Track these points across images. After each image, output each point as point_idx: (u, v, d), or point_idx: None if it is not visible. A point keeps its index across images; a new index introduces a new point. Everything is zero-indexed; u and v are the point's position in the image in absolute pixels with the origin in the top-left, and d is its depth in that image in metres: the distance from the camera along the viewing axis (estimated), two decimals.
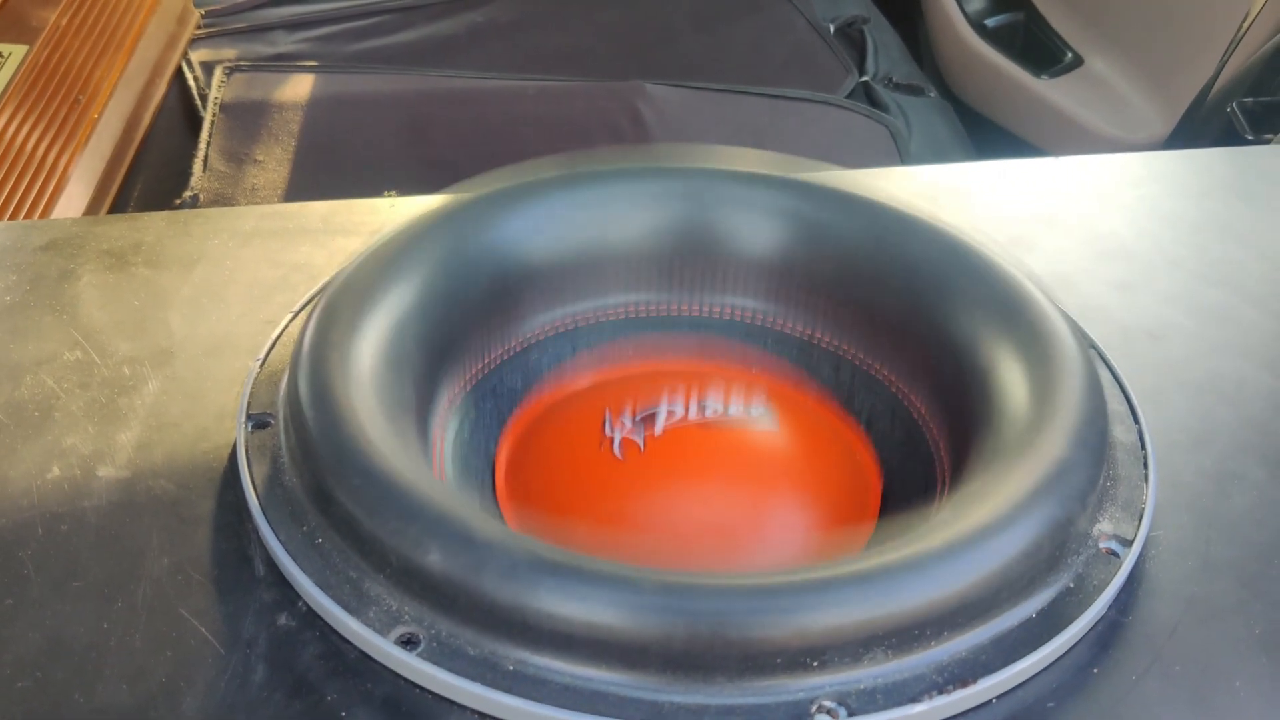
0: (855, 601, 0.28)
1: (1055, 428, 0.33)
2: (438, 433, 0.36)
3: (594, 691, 0.28)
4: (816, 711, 0.28)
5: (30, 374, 0.41)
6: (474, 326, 0.39)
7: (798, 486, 0.37)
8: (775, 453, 0.39)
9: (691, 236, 0.42)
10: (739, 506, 0.36)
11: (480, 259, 0.39)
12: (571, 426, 0.39)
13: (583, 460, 0.37)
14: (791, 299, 0.41)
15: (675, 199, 0.42)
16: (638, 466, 0.37)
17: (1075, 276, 0.47)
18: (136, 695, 0.29)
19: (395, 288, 0.37)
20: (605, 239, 0.41)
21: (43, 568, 0.33)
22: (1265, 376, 0.42)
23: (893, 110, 1.02)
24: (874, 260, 0.40)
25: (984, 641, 0.30)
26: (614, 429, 0.37)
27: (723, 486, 0.37)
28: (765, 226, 0.41)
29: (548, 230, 0.40)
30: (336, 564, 0.32)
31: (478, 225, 0.40)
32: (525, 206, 0.41)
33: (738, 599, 0.28)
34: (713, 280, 0.42)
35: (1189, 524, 0.35)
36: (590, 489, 0.36)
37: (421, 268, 0.38)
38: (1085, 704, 0.30)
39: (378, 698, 0.30)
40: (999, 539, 0.30)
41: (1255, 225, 0.51)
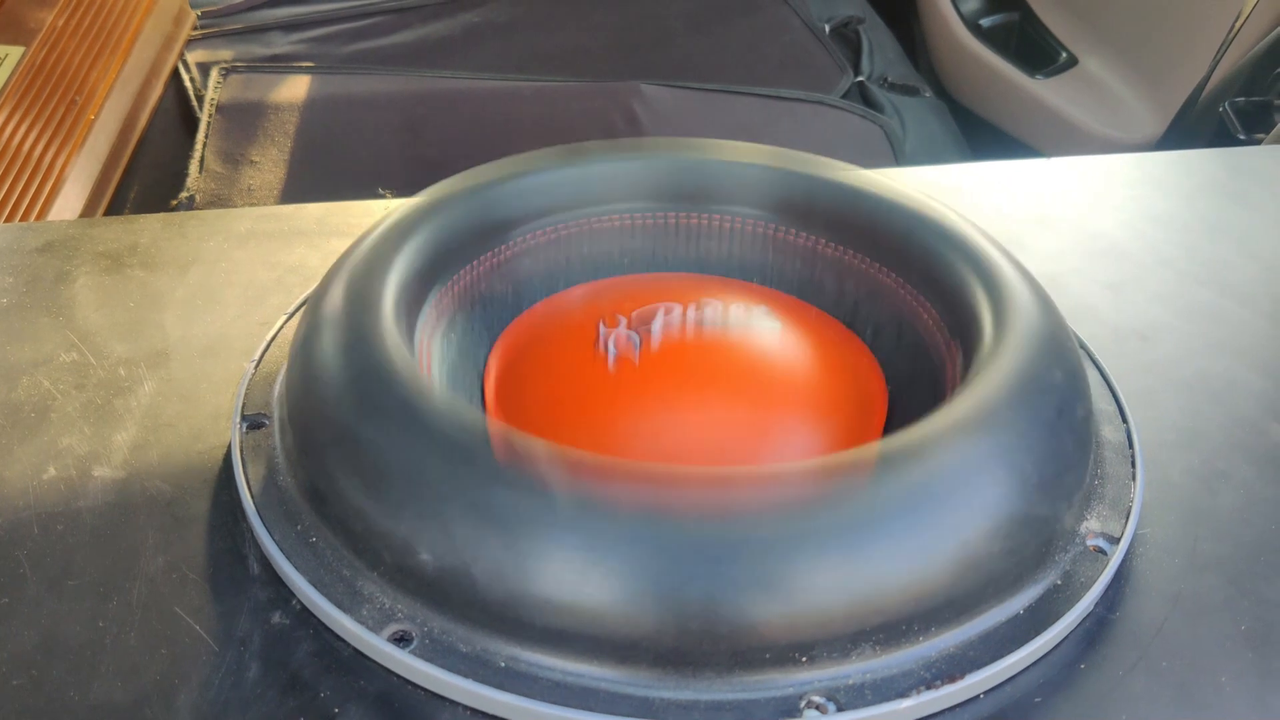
0: (843, 595, 0.29)
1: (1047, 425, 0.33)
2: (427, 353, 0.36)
3: (585, 688, 0.29)
4: (806, 706, 0.28)
5: (27, 375, 0.41)
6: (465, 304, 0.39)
7: (800, 404, 0.36)
8: (776, 368, 0.38)
9: (688, 179, 0.41)
10: (737, 429, 0.35)
11: (469, 245, 0.39)
12: (564, 337, 0.38)
13: (575, 375, 0.36)
14: (793, 211, 0.41)
15: (670, 154, 0.42)
16: (632, 381, 0.36)
17: (1066, 276, 0.47)
18: (131, 693, 0.30)
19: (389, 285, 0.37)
20: (601, 171, 0.41)
21: (39, 567, 0.33)
22: (1254, 377, 0.42)
23: (888, 110, 1.02)
24: (871, 203, 0.40)
25: (972, 637, 0.30)
26: (608, 341, 0.37)
27: (720, 406, 0.36)
28: (761, 174, 0.41)
29: (536, 216, 0.40)
30: (330, 563, 0.32)
31: (469, 204, 0.40)
32: (512, 192, 0.40)
33: (727, 593, 0.28)
34: (712, 191, 0.41)
35: (1177, 522, 0.36)
36: (583, 406, 0.35)
37: (408, 265, 0.38)
38: (1072, 700, 0.30)
39: (371, 695, 0.30)
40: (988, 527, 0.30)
41: (1246, 225, 0.51)
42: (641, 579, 0.29)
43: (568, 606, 0.29)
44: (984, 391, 0.32)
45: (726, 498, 0.29)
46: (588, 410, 0.36)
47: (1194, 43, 0.84)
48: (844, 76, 1.05)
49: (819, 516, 0.29)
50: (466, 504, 0.30)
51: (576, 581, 0.29)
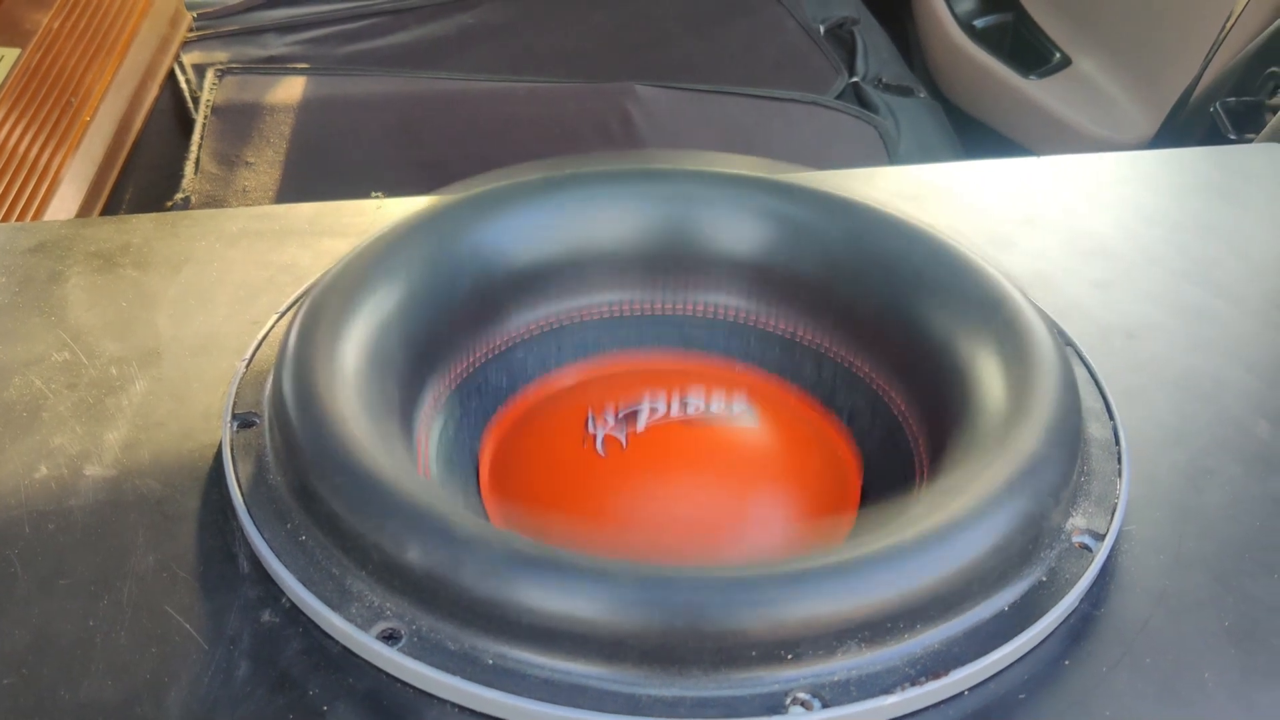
0: (828, 594, 0.29)
1: (1029, 423, 0.33)
2: (422, 431, 0.37)
3: (572, 685, 0.29)
4: (791, 703, 0.29)
5: (19, 375, 0.41)
6: (458, 325, 0.39)
7: (778, 481, 0.38)
8: (756, 448, 0.39)
9: (675, 236, 0.42)
10: (720, 501, 0.37)
11: (464, 259, 0.40)
12: (555, 424, 0.39)
13: (566, 457, 0.37)
14: (774, 297, 0.42)
15: (658, 200, 0.42)
16: (620, 463, 0.37)
17: (1055, 275, 0.47)
18: (121, 691, 0.30)
19: (379, 288, 0.38)
20: (589, 239, 0.42)
21: (30, 565, 0.33)
22: (1242, 374, 0.42)
23: (882, 111, 1.02)
24: (854, 259, 0.40)
25: (956, 634, 0.30)
26: (597, 427, 0.38)
27: (704, 481, 0.38)
28: (747, 227, 0.42)
29: (531, 231, 0.41)
30: (319, 561, 0.32)
31: (462, 227, 0.41)
32: (509, 208, 0.41)
33: (712, 592, 0.29)
34: (696, 280, 0.42)
35: (1162, 519, 0.36)
36: (573, 485, 0.37)
37: (405, 269, 0.39)
38: (1056, 696, 0.30)
39: (359, 692, 0.30)
40: (971, 532, 0.30)
41: (1235, 224, 0.52)
42: (626, 580, 0.29)
43: (556, 605, 0.29)
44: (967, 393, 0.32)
45: None
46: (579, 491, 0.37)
47: (1186, 43, 0.85)
48: (839, 77, 1.06)
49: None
50: (452, 504, 0.30)
51: (564, 580, 0.29)
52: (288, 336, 0.37)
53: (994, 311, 0.37)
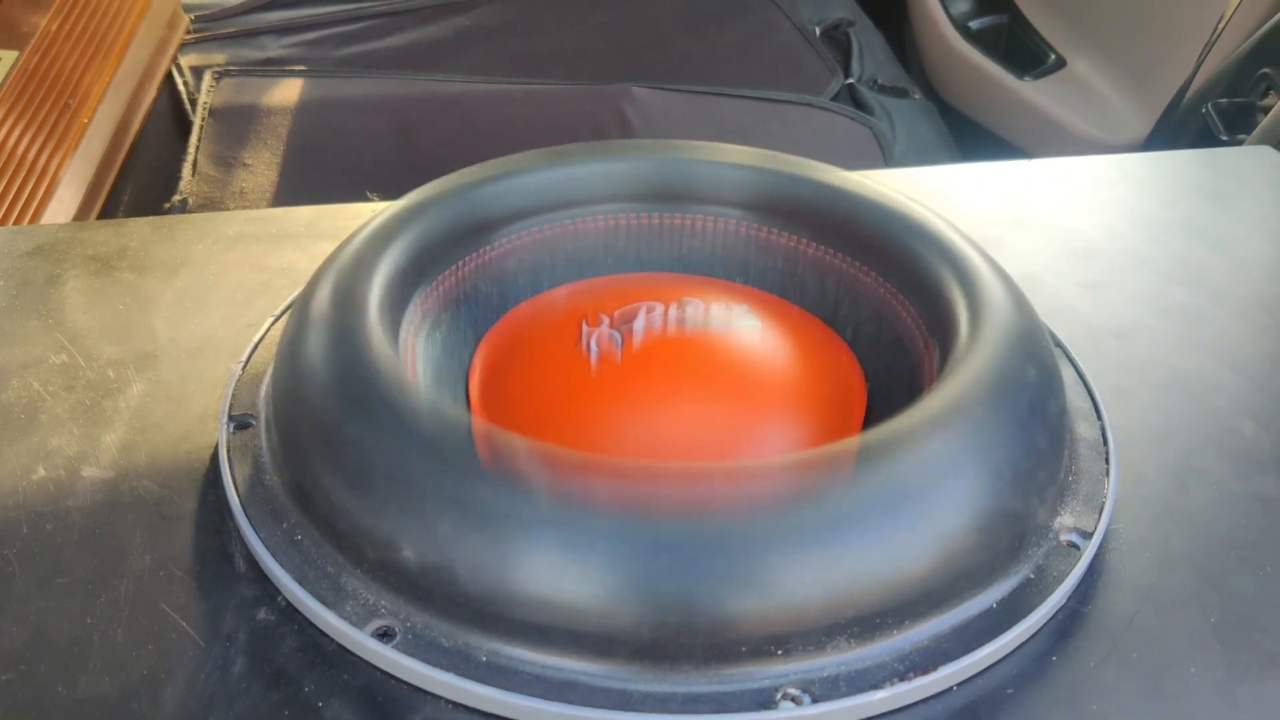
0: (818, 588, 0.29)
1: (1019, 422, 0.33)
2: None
3: (565, 681, 0.29)
4: (782, 698, 0.29)
5: (16, 377, 0.41)
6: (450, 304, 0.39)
7: (779, 401, 0.37)
8: (756, 366, 0.38)
9: (672, 177, 0.41)
10: (717, 425, 0.36)
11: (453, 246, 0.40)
12: (547, 337, 0.38)
13: (558, 374, 0.37)
14: (776, 210, 0.41)
15: (654, 155, 0.42)
16: (614, 380, 0.36)
17: (1044, 276, 0.48)
18: (118, 687, 0.30)
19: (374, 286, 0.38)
20: (584, 172, 0.41)
21: (28, 565, 0.34)
22: (1229, 375, 0.43)
23: (877, 112, 1.02)
24: (852, 203, 0.40)
25: (945, 630, 0.31)
26: (590, 340, 0.37)
27: (700, 403, 0.37)
28: (743, 171, 0.42)
29: (519, 216, 0.41)
30: (315, 560, 0.32)
31: (453, 206, 0.40)
32: (495, 193, 0.41)
33: (704, 587, 0.29)
34: (695, 191, 0.42)
35: (1149, 518, 0.36)
36: (565, 405, 0.36)
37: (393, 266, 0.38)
38: (1044, 691, 0.31)
39: (354, 689, 0.30)
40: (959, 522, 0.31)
41: (1224, 226, 0.52)
42: (619, 575, 0.29)
43: (548, 602, 0.29)
44: (958, 388, 0.33)
45: (703, 494, 0.30)
46: (570, 408, 0.36)
47: (1179, 44, 0.85)
48: (834, 79, 1.06)
49: (794, 512, 0.29)
50: (448, 501, 0.30)
51: (556, 577, 0.29)
52: (283, 339, 0.37)
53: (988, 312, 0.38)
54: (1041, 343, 0.36)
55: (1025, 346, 0.35)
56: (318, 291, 0.37)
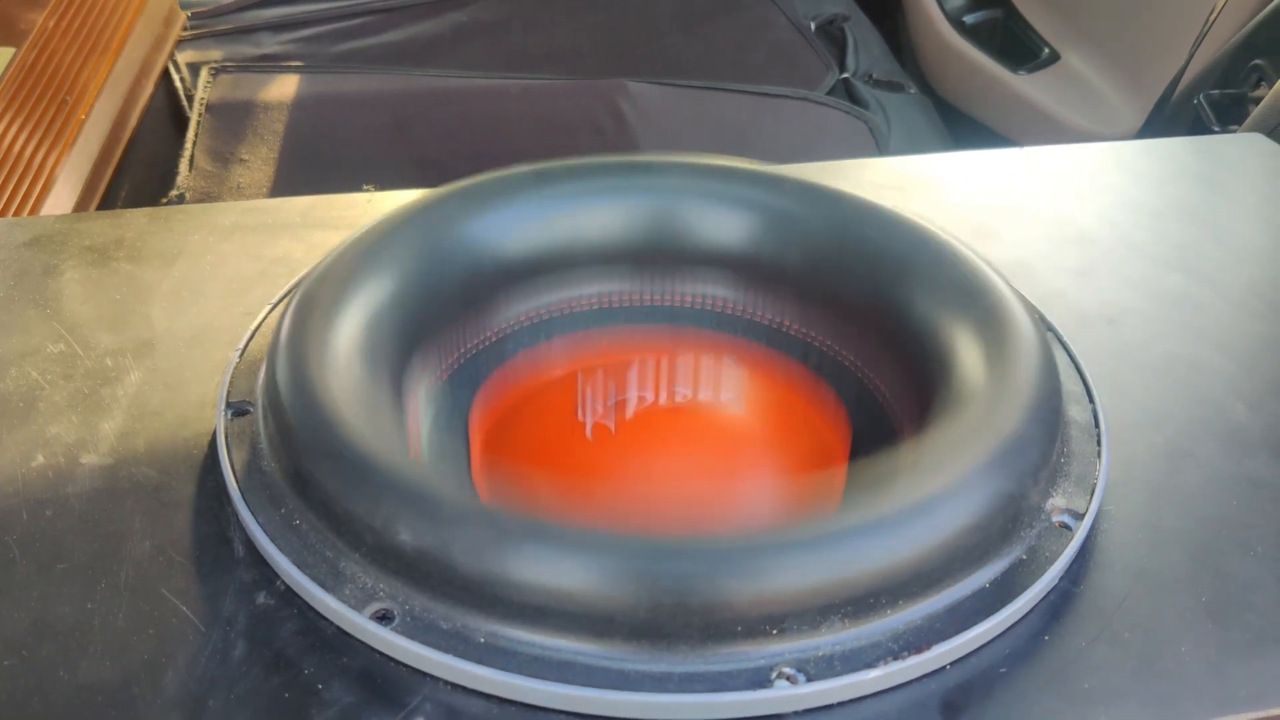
0: (812, 569, 0.29)
1: (1009, 406, 0.34)
2: (414, 419, 0.37)
3: (563, 661, 0.29)
4: (777, 678, 0.29)
5: (15, 366, 0.41)
6: (449, 315, 0.40)
7: (764, 467, 0.38)
8: (743, 434, 0.40)
9: (662, 228, 0.43)
10: (707, 474, 0.37)
11: (454, 250, 0.41)
12: (545, 409, 0.40)
13: (555, 438, 0.38)
14: (760, 288, 0.42)
15: (645, 192, 0.43)
16: (608, 446, 0.38)
17: (1036, 263, 0.48)
18: (120, 672, 0.30)
19: (371, 279, 0.38)
20: (577, 232, 0.42)
21: (28, 551, 0.34)
22: (1219, 358, 0.43)
23: (873, 106, 1.03)
24: (838, 249, 0.41)
25: (938, 610, 0.31)
26: (586, 412, 0.38)
27: (691, 465, 0.38)
28: (733, 218, 0.42)
29: (519, 222, 0.42)
30: (313, 544, 0.33)
31: (451, 217, 0.41)
32: (498, 201, 0.42)
33: (698, 568, 0.29)
34: (683, 271, 0.43)
35: (1141, 499, 0.37)
36: (562, 463, 0.37)
37: (396, 260, 0.39)
38: (1036, 669, 0.31)
39: (354, 671, 0.30)
40: (951, 510, 0.31)
41: (1214, 212, 0.52)
42: (616, 557, 0.30)
43: (545, 583, 0.30)
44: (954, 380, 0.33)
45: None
46: (566, 474, 0.37)
47: (1171, 37, 0.86)
48: (829, 73, 1.06)
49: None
50: (444, 485, 0.30)
51: (554, 559, 0.30)
52: (280, 327, 0.37)
53: (975, 299, 0.38)
54: (1037, 330, 0.37)
55: (1017, 334, 0.36)
56: (316, 286, 0.38)
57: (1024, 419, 0.34)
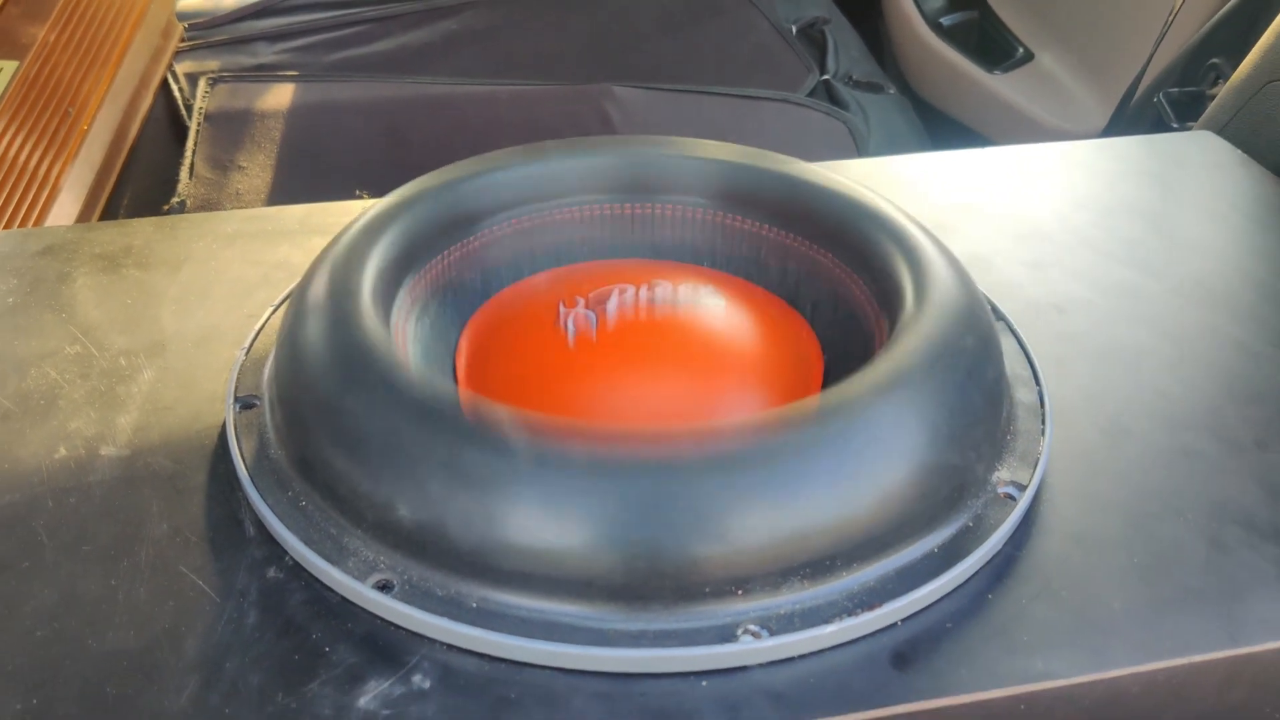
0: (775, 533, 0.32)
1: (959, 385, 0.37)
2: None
3: (548, 622, 0.32)
4: (742, 633, 0.32)
5: (35, 367, 0.44)
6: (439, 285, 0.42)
7: (742, 372, 0.40)
8: (721, 341, 0.42)
9: (643, 169, 0.45)
10: (685, 394, 0.39)
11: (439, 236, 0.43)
12: (527, 318, 0.42)
13: (538, 351, 0.40)
14: (739, 199, 0.45)
15: (627, 153, 0.45)
16: (590, 355, 0.40)
17: (992, 257, 0.51)
18: (143, 639, 0.33)
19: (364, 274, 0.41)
20: (560, 167, 0.45)
21: (55, 534, 0.37)
22: (1161, 343, 0.46)
23: (853, 107, 1.06)
24: (810, 191, 0.43)
25: (889, 572, 0.34)
26: (567, 320, 0.40)
27: (669, 375, 0.40)
28: (710, 164, 0.45)
29: (501, 206, 0.44)
30: (318, 522, 0.35)
31: (436, 202, 0.43)
32: (481, 174, 0.44)
33: (671, 535, 0.32)
34: (664, 182, 0.45)
35: (1082, 472, 0.40)
36: (545, 378, 0.39)
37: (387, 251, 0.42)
38: (980, 625, 0.34)
39: (357, 635, 0.33)
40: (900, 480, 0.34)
41: (1162, 207, 0.55)
42: (595, 526, 0.33)
43: (530, 551, 0.33)
44: (901, 353, 0.36)
45: (669, 450, 0.33)
46: (549, 381, 0.40)
47: (1135, 36, 0.89)
48: (810, 75, 1.09)
49: (752, 464, 0.33)
50: (438, 464, 0.33)
51: (538, 530, 0.33)
52: (284, 325, 0.40)
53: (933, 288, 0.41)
54: (980, 314, 0.40)
55: (964, 317, 0.39)
56: (314, 282, 0.40)
57: (971, 398, 0.37)
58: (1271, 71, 0.61)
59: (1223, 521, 0.38)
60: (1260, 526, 0.37)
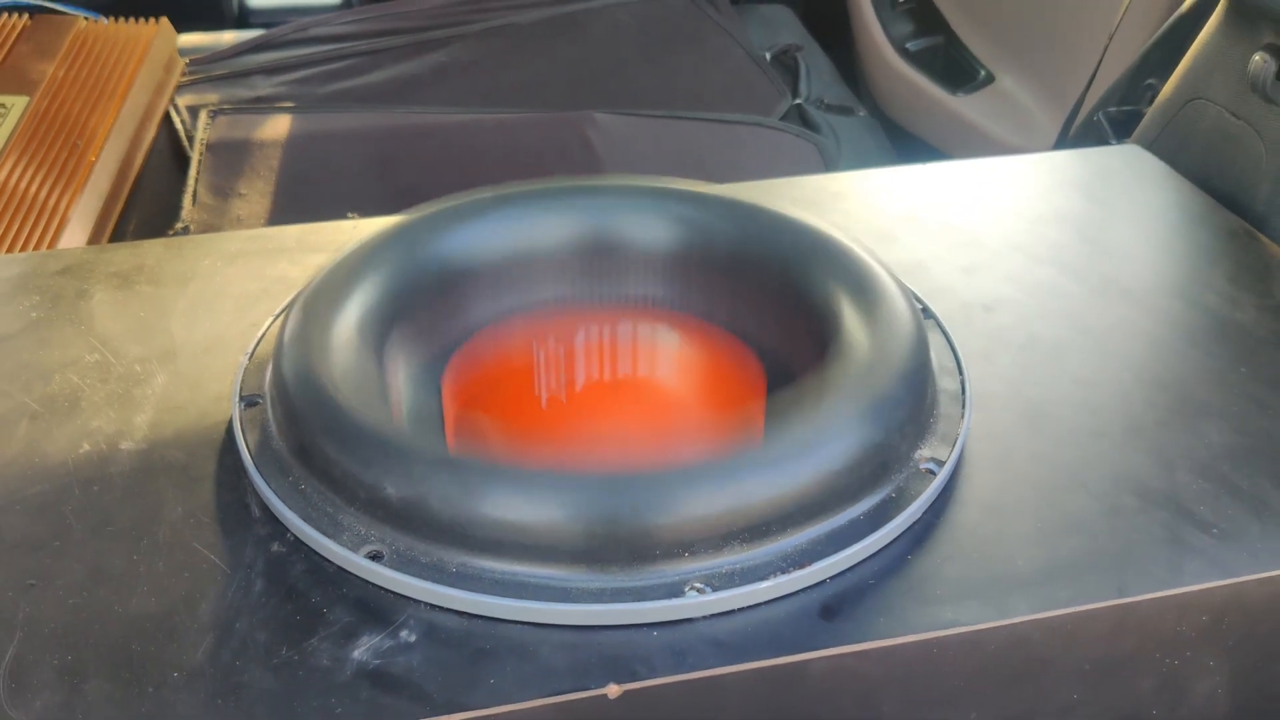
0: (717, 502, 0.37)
1: (884, 374, 0.42)
2: (395, 392, 0.45)
3: (519, 583, 0.37)
4: (689, 590, 0.37)
5: (59, 374, 0.49)
6: (422, 312, 0.47)
7: (693, 391, 0.46)
8: (675, 367, 0.47)
9: (605, 238, 0.50)
10: (647, 404, 0.45)
11: (427, 261, 0.48)
12: (506, 372, 0.47)
13: (514, 397, 0.46)
14: (690, 285, 0.50)
15: (589, 211, 0.51)
16: (557, 397, 0.45)
17: (929, 263, 0.56)
18: (163, 605, 0.38)
19: (355, 290, 0.46)
20: (533, 245, 0.50)
21: (81, 518, 0.41)
22: (1078, 336, 0.51)
23: (824, 129, 1.11)
24: (754, 253, 0.49)
25: (820, 535, 0.39)
26: (540, 369, 0.46)
27: (634, 393, 0.46)
28: (665, 229, 0.50)
29: (483, 238, 0.49)
30: (316, 503, 0.40)
31: (423, 237, 0.49)
32: (464, 221, 0.49)
33: (627, 504, 0.37)
34: (626, 275, 0.50)
35: (999, 451, 0.44)
36: (518, 418, 0.45)
37: (376, 273, 0.47)
38: (899, 582, 0.38)
39: (351, 599, 0.38)
40: (829, 455, 0.39)
41: (1089, 215, 0.60)
42: (563, 504, 0.37)
43: (503, 522, 0.37)
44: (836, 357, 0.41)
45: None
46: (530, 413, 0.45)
47: (1083, 57, 0.94)
48: (783, 100, 1.15)
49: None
50: (421, 451, 0.38)
51: (510, 505, 0.37)
52: (283, 332, 0.45)
53: (865, 291, 0.46)
54: (909, 313, 0.45)
55: (892, 315, 0.43)
56: (309, 297, 0.45)
57: (894, 384, 0.41)
58: (1193, 90, 0.66)
59: (1121, 491, 0.42)
60: (1153, 495, 0.42)
